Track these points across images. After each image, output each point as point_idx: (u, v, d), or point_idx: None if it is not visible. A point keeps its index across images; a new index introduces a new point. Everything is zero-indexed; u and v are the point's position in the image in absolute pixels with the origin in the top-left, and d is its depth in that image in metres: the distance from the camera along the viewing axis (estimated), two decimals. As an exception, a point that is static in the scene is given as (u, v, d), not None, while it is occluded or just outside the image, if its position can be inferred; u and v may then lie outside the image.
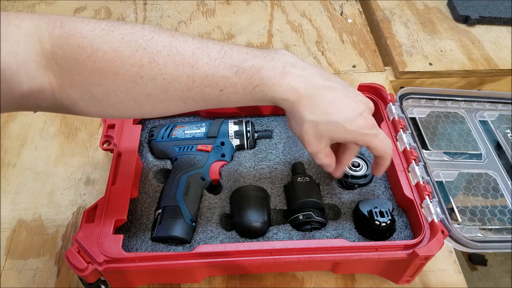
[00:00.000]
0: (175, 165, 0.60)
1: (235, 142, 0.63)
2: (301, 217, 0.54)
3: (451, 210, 0.57)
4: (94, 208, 0.52)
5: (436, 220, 0.51)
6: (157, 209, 0.56)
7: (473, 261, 1.46)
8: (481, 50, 0.91)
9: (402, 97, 0.67)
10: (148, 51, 0.38)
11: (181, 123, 0.64)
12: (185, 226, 0.53)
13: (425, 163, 0.58)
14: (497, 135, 0.68)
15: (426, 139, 0.65)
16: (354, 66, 0.88)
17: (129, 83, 0.39)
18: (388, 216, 0.52)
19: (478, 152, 0.65)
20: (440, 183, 0.60)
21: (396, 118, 0.62)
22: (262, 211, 0.54)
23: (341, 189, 0.60)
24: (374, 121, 0.47)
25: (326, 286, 0.57)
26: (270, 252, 0.49)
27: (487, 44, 0.93)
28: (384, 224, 0.52)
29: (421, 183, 0.55)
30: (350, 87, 0.47)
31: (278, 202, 0.58)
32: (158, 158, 0.62)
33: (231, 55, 0.41)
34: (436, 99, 0.69)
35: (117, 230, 0.52)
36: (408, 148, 0.59)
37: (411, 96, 0.68)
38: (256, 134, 0.64)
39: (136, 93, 0.40)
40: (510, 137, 0.68)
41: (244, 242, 0.53)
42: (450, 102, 0.70)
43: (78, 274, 0.47)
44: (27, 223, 0.63)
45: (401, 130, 0.61)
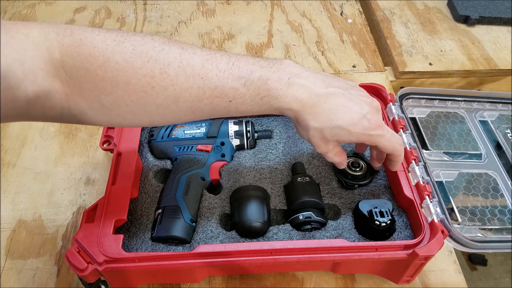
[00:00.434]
0: (175, 165, 0.60)
1: (235, 142, 0.63)
2: (301, 217, 0.54)
3: (451, 210, 0.57)
4: (94, 208, 0.52)
5: (436, 220, 0.51)
6: (157, 209, 0.56)
7: (473, 261, 1.46)
8: (481, 50, 0.91)
9: (402, 97, 0.67)
10: (159, 62, 0.39)
11: (181, 123, 0.64)
12: (185, 226, 0.53)
13: (425, 163, 0.58)
14: (497, 135, 0.68)
15: (426, 139, 0.65)
16: (354, 66, 0.88)
17: (140, 93, 0.39)
18: (388, 216, 0.52)
19: (478, 152, 0.65)
20: (440, 183, 0.60)
21: (396, 118, 0.62)
22: (262, 211, 0.54)
23: (341, 189, 0.60)
24: (379, 121, 0.48)
25: (326, 286, 0.57)
26: (270, 252, 0.49)
27: (487, 44, 0.93)
28: (384, 224, 0.52)
29: (421, 183, 0.55)
30: (354, 89, 0.48)
31: (278, 202, 0.58)
32: (158, 158, 0.62)
33: (239, 66, 0.42)
34: (436, 99, 0.69)
35: (117, 230, 0.52)
36: (408, 148, 0.59)
37: (411, 96, 0.68)
38: (256, 134, 0.64)
39: (147, 103, 0.40)
40: (510, 137, 0.68)
41: (244, 242, 0.53)
42: (450, 102, 0.70)
43: (78, 274, 0.47)
44: (27, 223, 0.63)
45: (401, 130, 0.61)
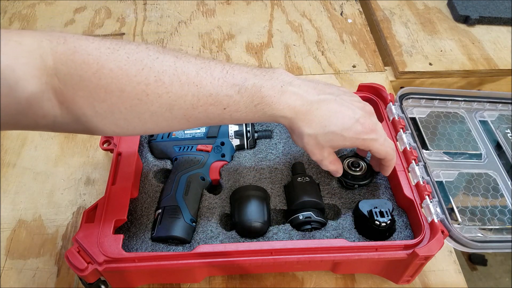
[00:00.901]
0: (175, 165, 0.60)
1: (235, 142, 0.63)
2: (301, 217, 0.54)
3: (451, 210, 0.57)
4: (94, 208, 0.52)
5: (436, 220, 0.51)
6: (157, 209, 0.56)
7: (473, 261, 1.46)
8: (481, 50, 0.91)
9: (402, 97, 0.67)
10: (154, 70, 0.39)
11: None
12: (185, 226, 0.53)
13: (425, 163, 0.58)
14: (497, 135, 0.68)
15: (426, 139, 0.65)
16: (354, 66, 0.88)
17: (134, 100, 0.39)
18: (388, 216, 0.52)
19: (478, 152, 0.65)
20: (440, 183, 0.60)
21: (396, 118, 0.62)
22: (262, 211, 0.54)
23: (341, 189, 0.60)
24: (373, 125, 0.49)
25: (326, 286, 0.57)
26: (270, 252, 0.49)
27: (487, 44, 0.93)
28: (384, 224, 0.52)
29: (421, 183, 0.55)
30: (346, 95, 0.49)
31: (278, 202, 0.58)
32: (158, 158, 0.62)
33: (233, 74, 0.43)
34: (436, 99, 0.69)
35: (117, 230, 0.52)
36: (408, 148, 0.59)
37: (411, 96, 0.68)
38: (256, 134, 0.64)
39: (141, 110, 0.40)
40: (510, 137, 0.68)
41: (244, 242, 0.53)
42: (450, 102, 0.70)
43: (78, 274, 0.47)
44: (27, 223, 0.63)
45: (401, 130, 0.61)
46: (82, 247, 0.48)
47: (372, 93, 0.66)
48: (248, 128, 0.63)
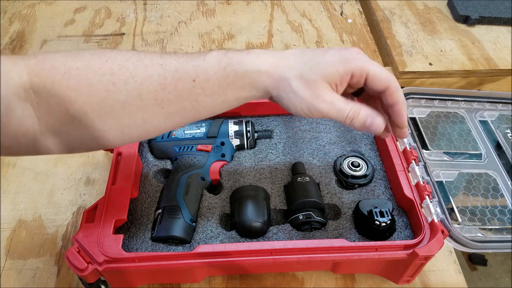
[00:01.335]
0: (175, 165, 0.60)
1: (235, 142, 0.63)
2: (301, 217, 0.54)
3: (451, 210, 0.57)
4: (94, 208, 0.52)
5: (436, 220, 0.51)
6: (157, 209, 0.56)
7: (473, 261, 1.46)
8: (481, 50, 0.91)
9: (402, 97, 0.67)
10: (117, 60, 0.40)
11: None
12: (185, 226, 0.53)
13: (425, 163, 0.58)
14: (497, 135, 0.68)
15: (426, 139, 0.65)
16: (354, 66, 0.88)
17: (103, 93, 0.40)
18: (388, 216, 0.52)
19: (478, 152, 0.65)
20: (440, 183, 0.60)
21: (396, 118, 0.62)
22: (262, 211, 0.54)
23: (341, 189, 0.60)
24: (362, 52, 0.43)
25: (326, 286, 0.57)
26: (270, 252, 0.49)
27: (487, 44, 0.93)
28: (384, 224, 0.52)
29: (421, 183, 0.55)
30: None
31: (278, 202, 0.58)
32: (158, 158, 0.62)
33: (198, 52, 0.44)
34: (436, 99, 0.69)
35: (117, 230, 0.52)
36: (408, 148, 0.59)
37: (411, 96, 0.68)
38: (256, 134, 0.64)
39: (112, 102, 0.40)
40: (510, 137, 0.68)
41: (244, 242, 0.53)
42: (450, 102, 0.70)
43: (78, 274, 0.47)
44: (27, 223, 0.63)
45: (401, 130, 0.61)
46: (82, 247, 0.48)
47: (372, 93, 0.66)
48: (248, 128, 0.63)
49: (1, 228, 0.62)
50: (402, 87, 0.45)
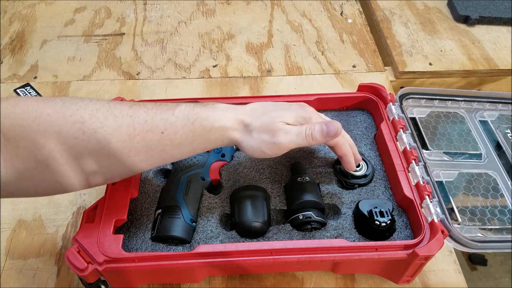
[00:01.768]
0: (175, 165, 0.60)
1: (235, 142, 0.63)
2: (301, 217, 0.54)
3: (451, 210, 0.57)
4: (94, 208, 0.52)
5: (436, 220, 0.51)
6: (157, 209, 0.56)
7: (473, 261, 1.46)
8: (481, 50, 0.91)
9: (402, 97, 0.67)
10: (88, 109, 0.41)
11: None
12: (185, 226, 0.53)
13: (425, 163, 0.58)
14: (497, 135, 0.68)
15: (426, 139, 0.65)
16: (354, 66, 0.88)
17: (72, 140, 0.40)
18: (388, 216, 0.52)
19: (478, 152, 0.65)
20: (440, 183, 0.60)
21: (396, 118, 0.62)
22: (262, 211, 0.54)
23: (341, 189, 0.60)
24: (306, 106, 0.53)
25: (326, 286, 0.57)
26: (270, 252, 0.49)
27: (487, 44, 0.93)
28: (384, 224, 0.52)
29: (421, 183, 0.55)
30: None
31: (278, 202, 0.58)
32: (158, 158, 0.62)
33: (165, 104, 0.46)
34: (436, 99, 0.69)
35: (117, 230, 0.52)
36: (408, 148, 0.59)
37: (411, 96, 0.68)
38: (256, 134, 0.64)
39: (80, 150, 0.41)
40: (510, 137, 0.68)
41: (244, 242, 0.53)
42: (450, 102, 0.70)
43: (78, 274, 0.47)
44: (27, 223, 0.63)
45: (401, 130, 0.61)
46: (82, 247, 0.48)
47: (372, 93, 0.66)
48: (248, 128, 0.63)
49: (1, 228, 0.62)
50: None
